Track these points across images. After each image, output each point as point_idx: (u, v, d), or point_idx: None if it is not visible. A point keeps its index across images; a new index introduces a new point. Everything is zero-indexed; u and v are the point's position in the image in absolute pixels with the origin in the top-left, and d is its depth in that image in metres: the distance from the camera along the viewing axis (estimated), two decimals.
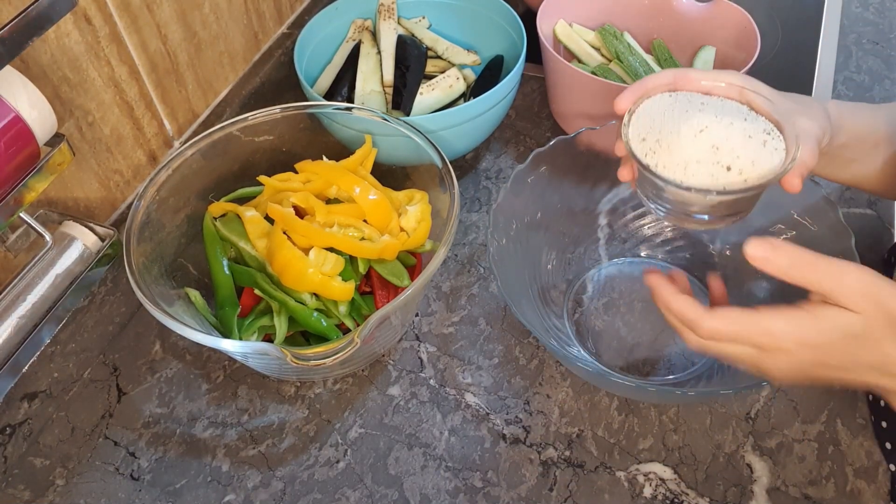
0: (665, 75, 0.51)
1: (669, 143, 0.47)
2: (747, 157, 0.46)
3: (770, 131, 0.47)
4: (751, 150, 0.46)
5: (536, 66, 0.81)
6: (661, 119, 0.49)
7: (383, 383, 0.61)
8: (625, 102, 0.50)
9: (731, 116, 0.48)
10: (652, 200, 0.51)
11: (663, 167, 0.47)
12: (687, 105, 0.49)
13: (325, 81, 0.79)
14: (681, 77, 0.50)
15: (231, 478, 0.56)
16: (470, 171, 0.78)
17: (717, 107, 0.49)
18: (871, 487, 0.53)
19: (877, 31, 0.94)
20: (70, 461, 0.57)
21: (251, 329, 0.57)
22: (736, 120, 0.48)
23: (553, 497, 0.54)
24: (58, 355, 0.58)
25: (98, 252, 0.54)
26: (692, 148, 0.47)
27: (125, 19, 0.58)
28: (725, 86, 0.50)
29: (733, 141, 0.46)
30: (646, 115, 0.49)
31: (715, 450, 0.56)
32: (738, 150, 0.46)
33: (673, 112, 0.49)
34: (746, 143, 0.46)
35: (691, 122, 0.48)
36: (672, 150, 0.47)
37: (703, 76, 0.50)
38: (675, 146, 0.47)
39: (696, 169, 0.46)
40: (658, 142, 0.47)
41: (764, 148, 0.46)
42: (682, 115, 0.48)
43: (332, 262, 0.56)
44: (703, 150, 0.46)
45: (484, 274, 0.68)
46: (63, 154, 0.49)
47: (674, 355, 0.61)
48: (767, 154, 0.46)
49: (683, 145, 0.47)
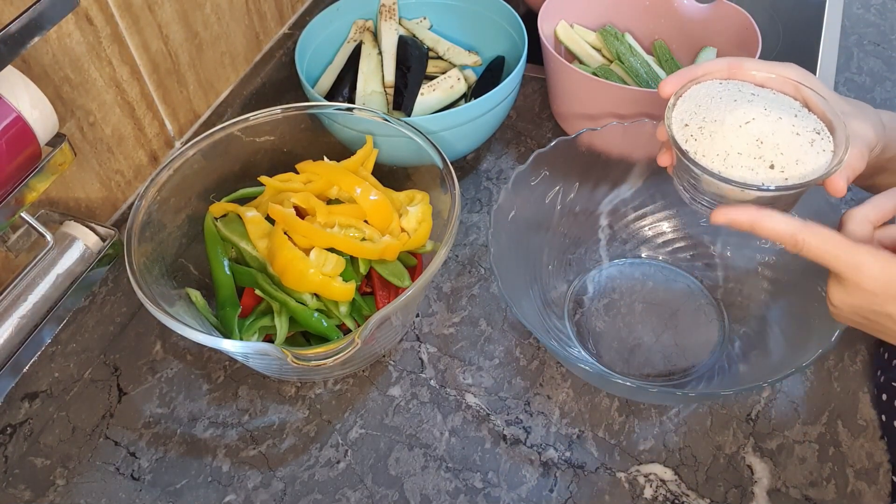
0: (719, 63, 0.49)
1: (712, 130, 0.45)
2: (792, 154, 0.44)
3: (820, 131, 0.46)
4: (796, 147, 0.44)
5: (537, 66, 0.81)
6: (707, 105, 0.47)
7: (384, 384, 0.61)
8: (670, 86, 0.49)
9: (781, 111, 0.46)
10: (687, 190, 0.49)
11: (702, 155, 0.45)
12: (737, 94, 0.47)
13: (327, 82, 0.79)
14: (735, 66, 0.49)
15: (231, 478, 0.56)
16: (471, 172, 0.78)
17: (768, 99, 0.47)
18: (871, 489, 0.53)
19: (878, 32, 0.94)
20: (71, 461, 0.57)
21: (252, 329, 0.57)
22: (785, 115, 0.46)
23: (553, 498, 0.54)
24: (59, 355, 0.58)
25: (99, 252, 0.54)
26: (735, 138, 0.45)
27: (126, 19, 0.58)
28: (780, 80, 0.48)
29: (779, 136, 0.45)
30: (692, 100, 0.48)
31: (715, 451, 0.56)
32: (783, 146, 0.44)
33: (721, 100, 0.47)
34: (793, 141, 0.45)
35: (737, 112, 0.46)
36: (714, 138, 0.45)
37: (759, 67, 0.48)
38: (718, 135, 0.45)
39: (736, 161, 0.44)
40: (701, 129, 0.46)
41: (811, 147, 0.44)
42: (729, 104, 0.46)
43: (332, 263, 0.56)
44: (746, 142, 0.45)
45: (485, 275, 0.68)
46: (64, 154, 0.49)
47: (674, 356, 0.61)
48: (814, 154, 0.44)
49: (726, 135, 0.45)
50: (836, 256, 0.41)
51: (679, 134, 0.46)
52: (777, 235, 0.43)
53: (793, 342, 0.55)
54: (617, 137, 0.62)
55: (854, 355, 0.60)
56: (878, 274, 0.40)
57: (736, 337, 0.61)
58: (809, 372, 0.60)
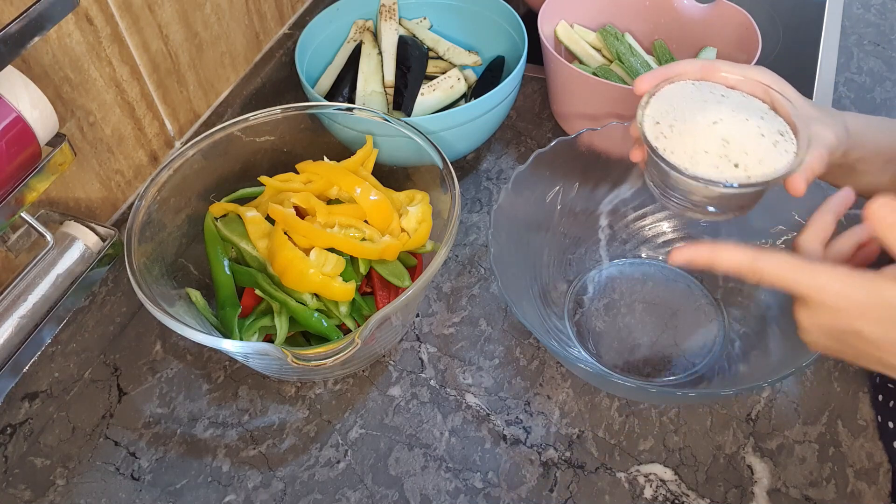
0: (693, 64, 0.50)
1: (682, 129, 0.47)
2: (756, 154, 0.46)
3: (784, 133, 0.47)
4: (760, 148, 0.46)
5: (537, 66, 0.81)
6: (678, 105, 0.49)
7: (384, 384, 0.61)
8: (645, 84, 0.50)
9: (748, 113, 0.48)
10: (657, 186, 0.51)
11: (671, 152, 0.47)
12: (707, 95, 0.49)
13: (327, 82, 0.79)
14: (708, 68, 0.50)
15: (231, 478, 0.56)
16: (471, 172, 0.78)
17: (736, 101, 0.49)
18: (871, 489, 0.53)
19: (878, 32, 0.94)
20: (71, 461, 0.57)
21: (252, 329, 0.57)
22: (752, 117, 0.48)
23: (553, 498, 0.54)
24: (59, 355, 0.58)
25: (99, 252, 0.54)
26: (703, 137, 0.47)
27: (126, 19, 0.58)
28: (750, 82, 0.49)
29: (744, 137, 0.47)
30: (665, 99, 0.49)
31: (715, 451, 0.56)
32: (748, 146, 0.46)
33: (692, 100, 0.49)
34: (757, 142, 0.47)
35: (707, 112, 0.48)
36: (683, 136, 0.47)
37: (731, 70, 0.50)
38: (687, 133, 0.47)
39: (702, 159, 0.46)
40: (671, 127, 0.48)
41: (774, 148, 0.46)
42: (699, 104, 0.48)
43: (332, 263, 0.56)
44: (713, 141, 0.47)
45: (485, 275, 0.68)
46: (64, 154, 0.49)
47: (674, 356, 0.61)
48: (776, 154, 0.46)
49: (695, 133, 0.47)
50: (796, 280, 0.41)
51: (650, 132, 0.48)
52: (735, 267, 0.43)
53: (793, 342, 0.55)
54: (617, 137, 0.62)
55: None
56: (840, 288, 0.39)
57: (736, 337, 0.61)
58: (809, 372, 0.60)
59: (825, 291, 0.40)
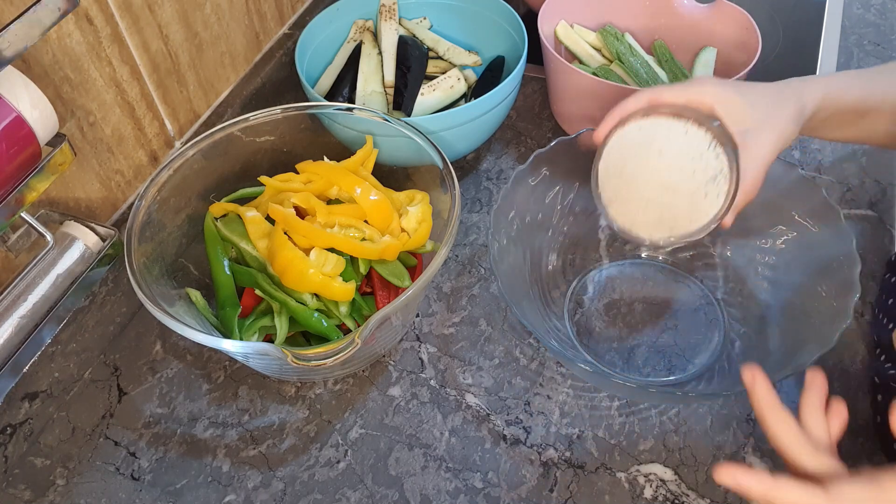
0: (640, 98, 0.53)
1: (626, 195, 0.55)
2: (686, 214, 0.53)
3: (717, 175, 0.51)
4: (691, 204, 0.53)
5: (537, 66, 0.81)
6: (625, 158, 0.54)
7: (384, 384, 0.61)
8: (600, 133, 0.54)
9: (686, 160, 0.52)
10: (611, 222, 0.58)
11: (619, 204, 0.55)
12: (649, 147, 0.53)
13: (327, 82, 0.79)
14: (654, 98, 0.53)
15: (231, 478, 0.56)
16: (471, 172, 0.78)
17: (674, 152, 0.52)
18: None
19: (878, 32, 0.94)
20: (70, 461, 0.57)
21: (252, 329, 0.57)
22: (687, 167, 0.52)
23: (553, 498, 0.54)
24: (59, 355, 0.58)
25: (99, 252, 0.54)
26: (636, 201, 0.54)
27: (126, 20, 0.58)
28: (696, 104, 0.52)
29: (677, 198, 0.53)
30: (616, 150, 0.54)
31: (716, 451, 0.56)
32: (679, 208, 0.53)
33: (636, 155, 0.53)
34: (689, 200, 0.53)
35: (645, 172, 0.53)
36: (630, 190, 0.55)
37: (677, 95, 0.52)
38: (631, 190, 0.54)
39: (639, 217, 0.55)
40: (617, 179, 0.55)
41: (705, 199, 0.52)
42: (642, 161, 0.53)
43: (332, 263, 0.56)
44: (647, 203, 0.54)
45: (485, 275, 0.68)
46: (64, 154, 0.49)
47: (674, 356, 0.61)
48: (707, 205, 0.52)
49: (635, 192, 0.54)
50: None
51: (602, 187, 0.55)
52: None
53: (793, 342, 0.55)
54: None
55: (854, 355, 0.60)
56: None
57: (736, 337, 0.61)
58: None
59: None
